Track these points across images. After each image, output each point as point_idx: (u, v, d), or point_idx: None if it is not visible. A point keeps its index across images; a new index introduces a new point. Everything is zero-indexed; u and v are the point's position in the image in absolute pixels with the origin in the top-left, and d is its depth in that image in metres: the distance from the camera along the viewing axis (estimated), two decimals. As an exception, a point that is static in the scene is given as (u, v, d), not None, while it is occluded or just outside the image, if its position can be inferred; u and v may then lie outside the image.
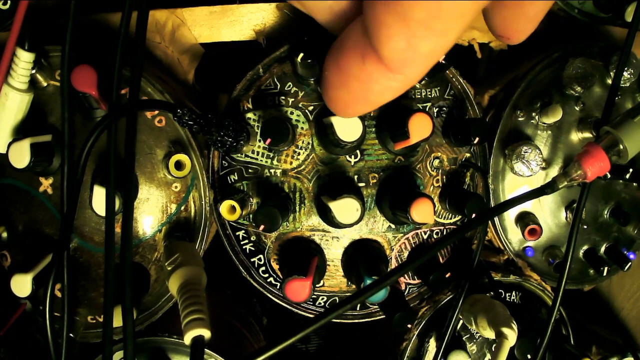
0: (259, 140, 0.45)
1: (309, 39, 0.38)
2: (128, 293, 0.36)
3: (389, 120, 0.44)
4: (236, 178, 0.46)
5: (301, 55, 0.39)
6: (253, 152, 0.45)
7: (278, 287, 0.48)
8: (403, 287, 0.49)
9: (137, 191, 0.44)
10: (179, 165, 0.43)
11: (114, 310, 0.37)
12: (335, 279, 0.48)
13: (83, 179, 0.40)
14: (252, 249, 0.47)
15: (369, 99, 0.21)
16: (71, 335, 0.44)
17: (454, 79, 0.47)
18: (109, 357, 0.36)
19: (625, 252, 0.52)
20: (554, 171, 0.51)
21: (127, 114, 0.39)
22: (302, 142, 0.45)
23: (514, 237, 0.52)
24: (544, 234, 0.51)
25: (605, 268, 0.52)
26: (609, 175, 0.50)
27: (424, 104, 0.46)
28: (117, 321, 0.37)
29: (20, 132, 0.42)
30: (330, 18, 0.24)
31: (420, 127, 0.39)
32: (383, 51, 0.19)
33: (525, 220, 0.50)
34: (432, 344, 0.49)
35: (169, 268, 0.37)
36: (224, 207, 0.43)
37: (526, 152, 0.47)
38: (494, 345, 0.42)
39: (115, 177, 0.39)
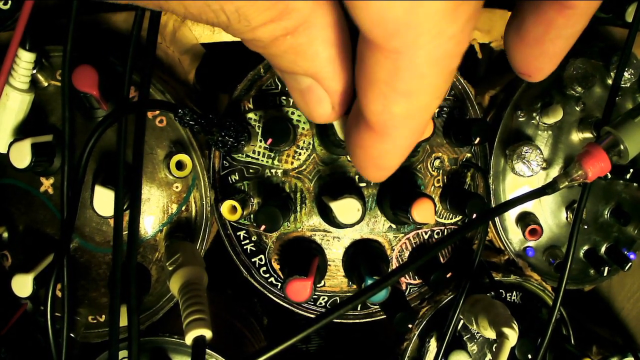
0: (260, 141, 0.45)
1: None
2: (133, 293, 0.36)
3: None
4: (237, 178, 0.46)
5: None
6: (254, 152, 0.45)
7: (279, 287, 0.48)
8: (404, 287, 0.49)
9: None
10: (180, 166, 0.43)
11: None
12: (336, 279, 0.48)
13: (84, 179, 0.40)
14: (253, 249, 0.47)
15: (375, 163, 0.22)
16: (72, 335, 0.44)
17: (454, 79, 0.47)
18: (115, 356, 0.36)
19: (625, 252, 0.52)
20: (555, 171, 0.51)
21: (132, 113, 0.39)
22: (303, 142, 0.45)
23: (515, 237, 0.52)
24: (544, 234, 0.51)
25: (606, 268, 0.52)
26: (609, 176, 0.50)
27: (425, 104, 0.46)
28: (121, 321, 0.37)
29: (21, 132, 0.42)
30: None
31: (421, 127, 0.39)
32: (366, 115, 0.19)
33: (526, 221, 0.50)
34: (432, 344, 0.49)
35: (170, 268, 0.37)
36: (225, 207, 0.43)
37: (527, 152, 0.47)
38: (495, 345, 0.42)
39: (116, 177, 0.39)
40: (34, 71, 0.41)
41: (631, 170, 0.48)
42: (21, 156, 0.39)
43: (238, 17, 0.17)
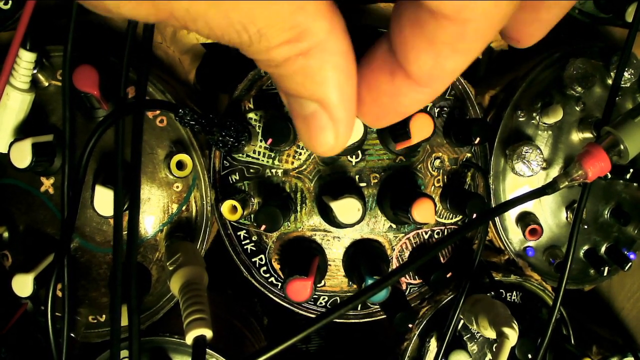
0: (261, 140, 0.45)
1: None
2: (134, 292, 0.36)
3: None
4: (237, 178, 0.46)
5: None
6: (254, 152, 0.45)
7: (279, 287, 0.48)
8: (404, 287, 0.49)
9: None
10: (180, 165, 0.43)
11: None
12: (337, 279, 0.48)
13: (84, 179, 0.40)
14: (254, 248, 0.47)
15: (399, 110, 0.23)
16: (72, 335, 0.44)
17: (454, 79, 0.47)
18: (117, 355, 0.36)
19: (625, 252, 0.52)
20: (555, 171, 0.51)
21: (131, 113, 0.39)
22: (303, 142, 0.45)
23: (515, 237, 0.52)
24: (544, 234, 0.51)
25: (606, 268, 0.52)
26: (609, 176, 0.50)
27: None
28: (121, 321, 0.37)
29: (21, 132, 0.42)
30: None
31: (421, 127, 0.39)
32: (412, 69, 0.20)
33: (526, 220, 0.50)
34: (433, 344, 0.49)
35: (171, 268, 0.37)
36: (225, 207, 0.43)
37: (527, 152, 0.47)
38: (495, 345, 0.42)
39: (122, 177, 0.39)
40: (35, 71, 0.41)
41: (631, 170, 0.48)
42: (22, 156, 0.39)
43: (259, 37, 0.18)
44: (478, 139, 0.42)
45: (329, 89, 0.20)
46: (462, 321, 0.49)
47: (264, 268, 0.47)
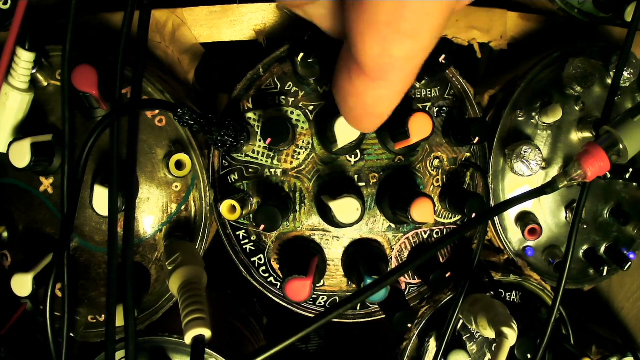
0: (260, 140, 0.45)
1: (309, 38, 0.38)
2: (130, 293, 0.36)
3: (389, 120, 0.44)
4: (236, 178, 0.46)
5: (301, 55, 0.39)
6: (253, 151, 0.45)
7: (278, 286, 0.48)
8: (403, 286, 0.49)
9: (138, 191, 0.44)
10: (179, 165, 0.43)
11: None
12: (336, 279, 0.48)
13: (84, 179, 0.40)
14: (253, 248, 0.47)
15: (370, 111, 0.22)
16: (71, 334, 0.44)
17: (454, 79, 0.47)
18: (112, 356, 0.36)
19: (625, 252, 0.52)
20: (554, 171, 0.51)
21: (129, 114, 0.39)
22: (303, 142, 0.45)
23: (514, 236, 0.52)
24: (544, 234, 0.51)
25: (605, 268, 0.52)
26: (608, 175, 0.50)
27: (424, 104, 0.46)
28: (119, 321, 0.37)
29: (20, 131, 0.42)
30: (333, 25, 0.24)
31: (420, 126, 0.39)
32: (362, 60, 0.19)
33: (525, 220, 0.50)
34: (432, 344, 0.49)
35: (170, 268, 0.37)
36: (225, 206, 0.43)
37: (526, 151, 0.47)
38: (494, 344, 0.42)
39: (117, 177, 0.39)
40: (34, 71, 0.41)
41: (630, 169, 0.48)
42: (21, 156, 0.39)
43: None
44: (477, 138, 0.42)
45: None
46: (461, 321, 0.49)
47: (263, 268, 0.47)
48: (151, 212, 0.45)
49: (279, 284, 0.48)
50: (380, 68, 0.19)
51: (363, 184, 0.46)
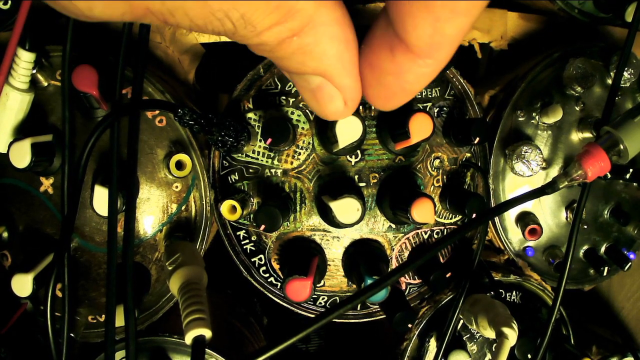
0: (260, 140, 0.45)
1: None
2: (130, 293, 0.36)
3: (390, 120, 0.44)
4: (237, 178, 0.46)
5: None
6: (254, 152, 0.45)
7: (279, 287, 0.48)
8: (404, 286, 0.49)
9: (138, 191, 0.44)
10: (179, 165, 0.43)
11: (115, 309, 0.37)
12: (336, 279, 0.48)
13: (84, 179, 0.40)
14: (253, 248, 0.47)
15: (406, 89, 0.22)
16: (72, 335, 0.44)
17: (454, 79, 0.47)
18: (112, 356, 0.36)
19: (625, 252, 0.52)
20: (554, 171, 0.51)
21: (130, 114, 0.39)
22: (303, 142, 0.45)
23: (515, 237, 0.52)
24: (544, 234, 0.51)
25: (606, 268, 0.52)
26: (609, 175, 0.50)
27: (425, 104, 0.46)
28: (119, 321, 0.37)
29: (21, 132, 0.42)
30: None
31: (420, 127, 0.39)
32: (410, 40, 0.19)
33: (526, 220, 0.50)
34: (432, 344, 0.49)
35: (170, 268, 0.37)
36: (225, 207, 0.43)
37: (526, 152, 0.47)
38: (495, 345, 0.42)
39: (117, 177, 0.39)
40: (34, 71, 0.41)
41: (631, 170, 0.48)
42: (21, 156, 0.39)
43: (244, 23, 0.17)
44: (477, 138, 0.42)
45: (329, 62, 0.20)
46: (461, 321, 0.49)
47: (264, 268, 0.47)
48: (151, 212, 0.45)
49: (279, 284, 0.48)
50: (430, 47, 0.19)
51: (363, 184, 0.46)
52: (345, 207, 0.40)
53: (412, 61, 0.20)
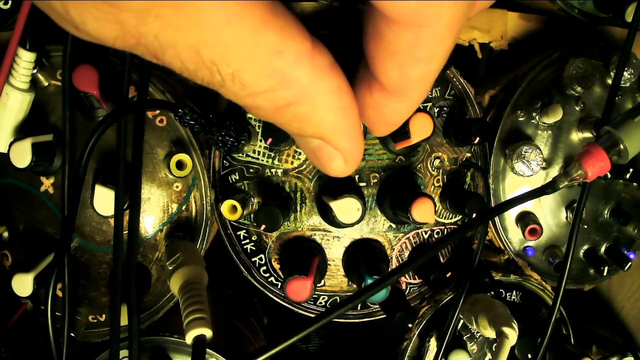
0: (260, 140, 0.45)
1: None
2: (134, 292, 0.36)
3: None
4: (237, 178, 0.46)
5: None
6: (254, 151, 0.45)
7: (279, 286, 0.48)
8: (404, 286, 0.49)
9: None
10: (180, 165, 0.43)
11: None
12: (336, 279, 0.48)
13: (84, 179, 0.40)
14: (253, 248, 0.47)
15: (387, 121, 0.24)
16: (72, 334, 0.44)
17: (454, 79, 0.47)
18: (116, 355, 0.36)
19: (625, 252, 0.52)
20: (555, 171, 0.51)
21: (130, 114, 0.39)
22: (303, 142, 0.45)
23: (515, 236, 0.52)
24: (544, 234, 0.51)
25: (606, 268, 0.52)
26: (609, 175, 0.50)
27: (425, 104, 0.47)
28: (121, 320, 0.37)
29: (21, 131, 0.42)
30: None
31: (421, 127, 0.39)
32: (382, 80, 0.21)
33: (526, 220, 0.50)
34: (432, 344, 0.49)
35: (170, 267, 0.37)
36: (225, 206, 0.43)
37: (526, 152, 0.47)
38: (495, 344, 0.42)
39: (116, 176, 0.39)
40: (35, 71, 0.41)
41: (631, 169, 0.48)
42: (21, 156, 0.39)
43: (232, 79, 0.17)
44: (478, 138, 0.42)
45: (327, 129, 0.20)
46: (461, 321, 0.49)
47: (264, 268, 0.47)
48: (152, 212, 0.45)
49: (279, 284, 0.48)
50: (399, 87, 0.21)
51: (364, 184, 0.46)
52: (345, 207, 0.40)
53: (387, 98, 0.21)
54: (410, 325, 0.42)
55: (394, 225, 0.47)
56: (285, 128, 0.21)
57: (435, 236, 0.49)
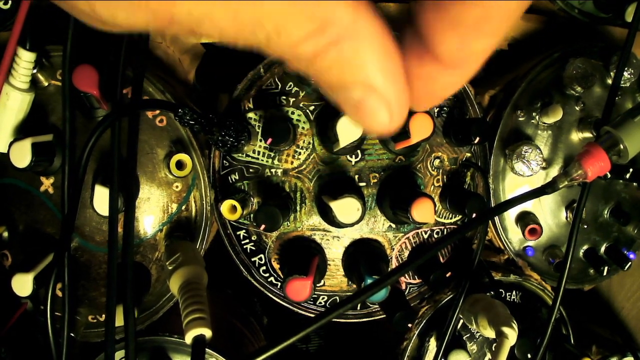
0: (260, 140, 0.45)
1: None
2: (129, 292, 0.36)
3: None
4: (237, 178, 0.46)
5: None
6: (254, 151, 0.45)
7: (279, 286, 0.48)
8: (403, 286, 0.49)
9: (138, 191, 0.44)
10: (180, 165, 0.43)
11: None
12: (336, 279, 0.48)
13: (84, 179, 0.40)
14: (253, 248, 0.47)
15: (435, 94, 0.23)
16: (72, 334, 0.44)
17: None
18: (111, 356, 0.36)
19: (625, 252, 0.52)
20: (554, 171, 0.51)
21: (130, 114, 0.39)
22: (303, 142, 0.45)
23: (514, 236, 0.52)
24: (544, 234, 0.51)
25: (605, 268, 0.52)
26: (609, 175, 0.50)
27: (425, 104, 0.46)
28: (119, 320, 0.37)
29: (21, 131, 0.42)
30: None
31: (421, 127, 0.39)
32: (438, 52, 0.20)
33: (526, 220, 0.50)
34: (432, 344, 0.49)
35: (170, 267, 0.37)
36: (225, 206, 0.43)
37: (526, 151, 0.47)
38: (494, 344, 0.42)
39: (118, 177, 0.39)
40: (35, 71, 0.41)
41: (631, 169, 0.48)
42: (21, 156, 0.39)
43: (278, 34, 0.17)
44: (478, 138, 0.42)
45: (371, 72, 0.19)
46: (461, 321, 0.49)
47: (264, 267, 0.47)
48: (152, 212, 0.45)
49: (279, 283, 0.48)
50: (457, 59, 0.20)
51: (364, 183, 0.46)
52: (345, 207, 0.40)
53: (440, 70, 0.20)
54: (410, 325, 0.42)
55: (393, 225, 0.47)
56: (327, 79, 0.20)
57: (435, 236, 0.49)
